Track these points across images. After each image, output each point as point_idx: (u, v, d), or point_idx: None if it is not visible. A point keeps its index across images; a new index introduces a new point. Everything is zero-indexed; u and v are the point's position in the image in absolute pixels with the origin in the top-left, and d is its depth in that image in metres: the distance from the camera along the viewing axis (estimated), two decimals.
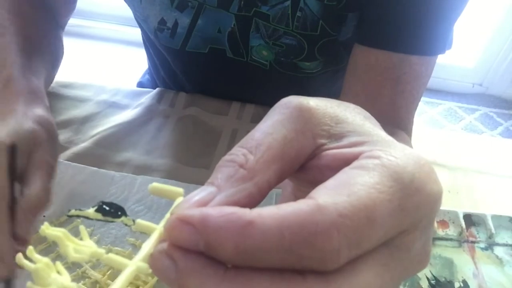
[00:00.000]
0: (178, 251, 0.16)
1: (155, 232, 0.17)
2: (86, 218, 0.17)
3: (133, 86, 0.78)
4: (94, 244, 0.17)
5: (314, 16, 0.52)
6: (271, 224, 0.15)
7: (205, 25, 0.57)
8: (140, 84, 0.84)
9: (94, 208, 0.17)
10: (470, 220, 0.53)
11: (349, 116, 0.20)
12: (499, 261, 0.50)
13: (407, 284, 0.46)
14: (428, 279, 0.47)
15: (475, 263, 0.49)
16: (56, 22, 0.61)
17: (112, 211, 0.17)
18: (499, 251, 0.51)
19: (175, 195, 0.19)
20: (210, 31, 0.58)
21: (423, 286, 0.46)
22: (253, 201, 0.18)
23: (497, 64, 2.00)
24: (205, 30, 0.58)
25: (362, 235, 0.16)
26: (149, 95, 0.65)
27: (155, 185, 0.19)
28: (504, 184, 0.59)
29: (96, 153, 0.56)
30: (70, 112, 0.61)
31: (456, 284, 0.47)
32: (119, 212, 0.17)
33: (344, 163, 0.18)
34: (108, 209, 0.17)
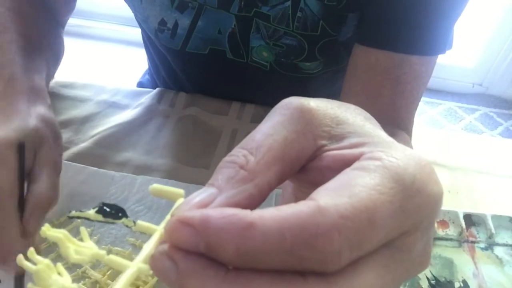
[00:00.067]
0: (179, 253, 0.16)
1: (156, 233, 0.17)
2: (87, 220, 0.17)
3: (133, 86, 0.78)
4: (95, 246, 0.17)
5: (315, 17, 0.52)
6: (272, 226, 0.15)
7: (205, 26, 0.57)
8: (140, 84, 0.84)
9: (95, 210, 0.17)
10: (470, 220, 0.53)
11: (350, 117, 0.20)
12: (499, 261, 0.50)
13: (407, 284, 0.46)
14: (428, 279, 0.47)
15: (475, 263, 0.49)
16: (56, 21, 0.61)
17: (113, 213, 0.17)
18: (499, 251, 0.51)
19: (176, 196, 0.19)
20: (211, 32, 0.58)
21: (423, 286, 0.46)
22: (254, 203, 0.18)
23: (497, 64, 2.00)
24: (205, 31, 0.58)
25: (363, 237, 0.16)
26: (149, 95, 0.65)
27: (156, 186, 0.19)
28: (504, 184, 0.59)
29: (96, 153, 0.56)
30: (70, 112, 0.61)
31: (456, 284, 0.47)
32: (120, 214, 0.17)
33: (345, 164, 0.18)
34: (109, 211, 0.17)
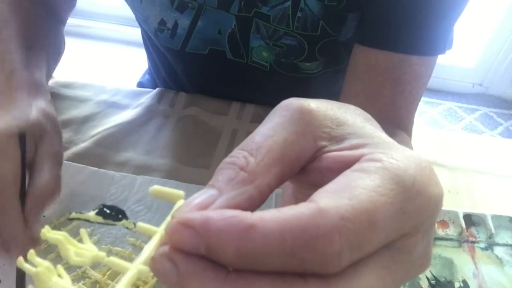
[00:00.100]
0: (179, 255, 0.16)
1: (156, 235, 0.17)
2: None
3: (133, 86, 0.78)
4: (95, 247, 0.17)
5: (315, 17, 0.52)
6: (273, 228, 0.15)
7: (205, 26, 0.57)
8: (140, 84, 0.84)
9: (95, 211, 0.17)
10: (470, 220, 0.53)
11: (350, 118, 0.20)
12: (499, 261, 0.50)
13: (407, 284, 0.46)
14: (428, 279, 0.47)
15: (475, 263, 0.49)
16: (57, 18, 0.61)
17: (113, 214, 0.17)
18: (499, 251, 0.51)
19: (176, 198, 0.19)
20: (210, 32, 0.58)
21: (423, 286, 0.46)
22: (254, 204, 0.18)
23: (497, 64, 2.00)
24: (205, 31, 0.58)
25: (364, 238, 0.16)
26: (149, 95, 0.65)
27: (156, 188, 0.19)
28: (504, 184, 0.59)
29: (96, 153, 0.56)
30: (70, 112, 0.61)
31: (456, 284, 0.47)
32: (120, 215, 0.17)
33: (345, 166, 0.18)
34: (109, 212, 0.17)
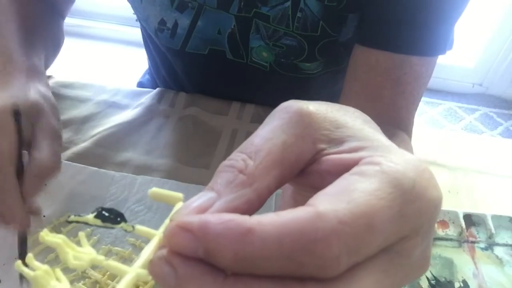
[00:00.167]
0: (178, 258, 0.16)
1: (155, 238, 0.17)
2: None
3: (133, 86, 0.78)
4: (94, 251, 0.17)
5: (315, 17, 0.52)
6: (271, 231, 0.15)
7: (205, 26, 0.57)
8: (140, 84, 0.84)
9: (93, 214, 0.17)
10: (470, 220, 0.53)
11: (349, 121, 0.20)
12: (499, 261, 0.50)
13: (407, 284, 0.47)
14: (428, 279, 0.47)
15: (475, 263, 0.49)
16: (56, 12, 0.62)
17: (112, 217, 0.17)
18: (499, 251, 0.51)
19: (175, 200, 0.19)
20: (210, 32, 0.58)
21: (423, 286, 0.46)
22: (253, 207, 0.18)
23: (497, 64, 1.99)
24: (205, 31, 0.58)
25: (362, 242, 0.16)
26: (149, 95, 0.65)
27: (155, 190, 0.19)
28: (504, 184, 0.59)
29: (96, 153, 0.56)
30: (70, 112, 0.61)
31: (456, 284, 0.47)
32: (119, 218, 0.17)
33: (344, 169, 0.18)
34: (108, 215, 0.17)
